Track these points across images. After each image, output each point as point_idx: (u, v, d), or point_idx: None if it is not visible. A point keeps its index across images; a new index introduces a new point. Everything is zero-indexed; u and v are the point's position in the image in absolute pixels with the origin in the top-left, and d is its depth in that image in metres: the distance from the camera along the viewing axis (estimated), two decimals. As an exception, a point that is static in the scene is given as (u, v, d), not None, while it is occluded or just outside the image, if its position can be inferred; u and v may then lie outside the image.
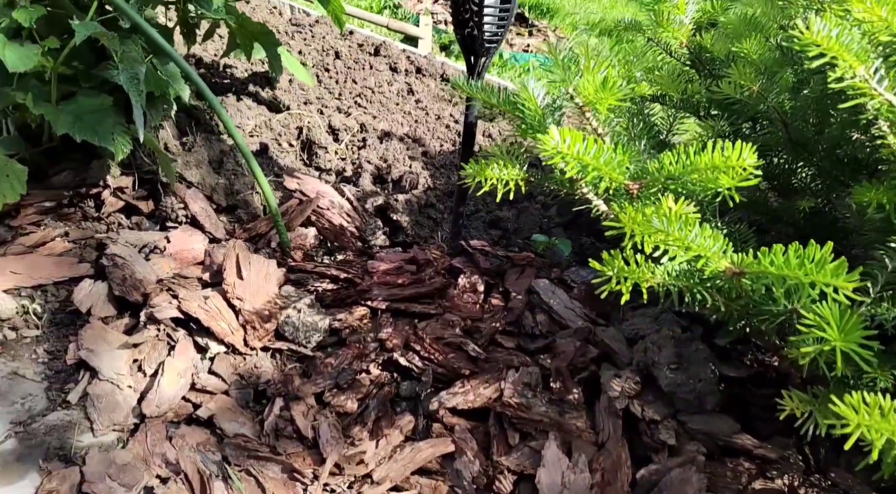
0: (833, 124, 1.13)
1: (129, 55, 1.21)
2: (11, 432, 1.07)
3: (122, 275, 1.30)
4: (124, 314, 1.30)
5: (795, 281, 0.70)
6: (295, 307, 1.28)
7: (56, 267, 1.37)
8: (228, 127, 1.31)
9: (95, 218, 1.52)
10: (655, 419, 1.12)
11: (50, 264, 1.37)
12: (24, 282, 1.33)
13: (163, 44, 1.27)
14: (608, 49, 1.29)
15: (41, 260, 1.38)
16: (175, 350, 1.20)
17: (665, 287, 0.84)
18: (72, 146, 1.46)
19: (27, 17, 1.16)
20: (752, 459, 1.10)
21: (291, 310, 1.28)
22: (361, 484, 1.04)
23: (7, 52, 1.15)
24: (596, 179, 0.84)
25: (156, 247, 1.42)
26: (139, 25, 1.25)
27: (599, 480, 1.04)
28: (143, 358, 1.18)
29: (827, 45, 0.74)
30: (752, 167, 0.76)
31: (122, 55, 1.20)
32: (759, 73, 1.13)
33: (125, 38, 1.28)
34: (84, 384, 1.15)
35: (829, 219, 1.23)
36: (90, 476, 0.99)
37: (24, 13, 1.16)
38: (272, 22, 2.69)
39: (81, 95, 1.35)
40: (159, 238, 1.45)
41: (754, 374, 1.24)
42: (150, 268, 1.34)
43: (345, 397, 1.15)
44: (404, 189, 1.78)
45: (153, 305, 1.24)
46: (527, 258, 1.49)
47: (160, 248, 1.42)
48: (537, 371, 1.20)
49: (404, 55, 2.55)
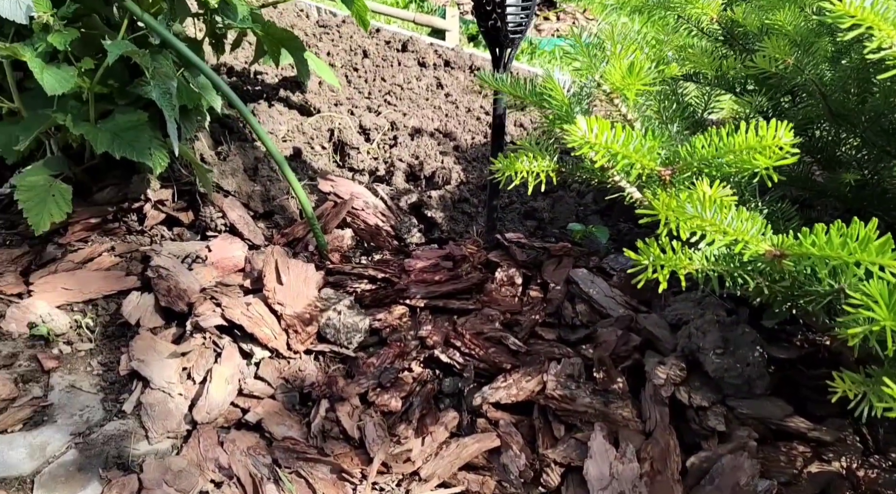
0: (876, 93, 1.08)
1: (160, 71, 1.24)
2: (72, 443, 1.11)
3: (167, 286, 1.34)
4: (171, 323, 1.34)
5: (839, 261, 0.67)
6: (335, 309, 1.30)
7: (104, 281, 1.42)
8: (259, 134, 1.33)
9: (139, 231, 1.56)
10: (703, 405, 1.10)
11: (99, 279, 1.42)
12: (76, 298, 1.38)
13: (192, 57, 1.30)
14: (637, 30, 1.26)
15: (90, 276, 1.42)
16: (221, 356, 1.23)
17: (704, 272, 0.82)
18: (112, 163, 1.51)
19: (61, 40, 1.19)
20: (807, 442, 1.07)
21: (332, 312, 1.29)
22: (409, 482, 1.05)
23: (45, 76, 1.19)
24: (627, 167, 0.82)
25: (197, 256, 1.46)
26: (168, 41, 1.28)
27: (649, 469, 1.03)
28: (192, 366, 1.22)
29: (861, 15, 0.71)
30: (788, 145, 0.73)
31: (153, 71, 1.23)
32: (795, 45, 1.09)
33: (156, 53, 1.31)
34: (137, 394, 1.19)
35: (877, 191, 1.18)
36: (148, 482, 1.02)
37: (59, 37, 1.20)
38: (299, 25, 2.72)
39: (118, 113, 1.39)
40: (200, 247, 1.48)
41: (805, 355, 1.21)
42: (193, 278, 1.37)
43: (388, 396, 1.16)
44: (437, 185, 1.78)
45: (198, 314, 1.27)
46: (564, 248, 1.48)
47: (202, 258, 1.45)
48: (580, 361, 1.19)
49: (432, 49, 2.55)
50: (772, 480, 1.00)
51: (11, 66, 1.30)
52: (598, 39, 0.94)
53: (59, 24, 1.23)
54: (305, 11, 2.89)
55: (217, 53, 1.74)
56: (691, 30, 1.38)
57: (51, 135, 1.45)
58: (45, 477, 1.05)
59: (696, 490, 1.01)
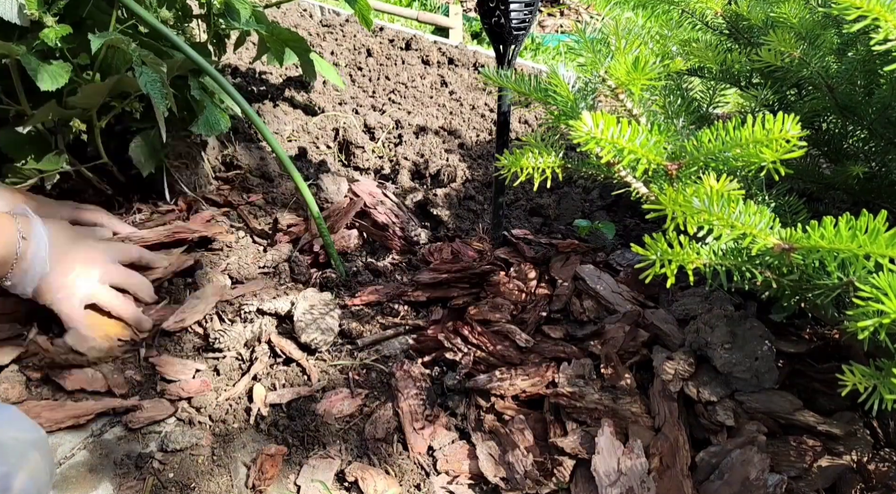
0: (883, 85, 1.08)
1: (147, 57, 1.23)
2: (84, 443, 1.12)
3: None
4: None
5: (848, 253, 0.67)
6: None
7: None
8: (265, 134, 1.33)
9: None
10: (712, 400, 1.10)
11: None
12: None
13: (199, 60, 1.30)
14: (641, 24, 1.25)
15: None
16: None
17: (712, 267, 0.82)
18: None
19: (52, 36, 1.20)
20: (817, 436, 1.07)
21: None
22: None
23: (39, 72, 1.19)
24: (633, 162, 0.82)
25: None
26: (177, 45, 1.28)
27: (658, 465, 1.03)
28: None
29: (867, 6, 0.71)
30: (795, 138, 0.73)
31: (138, 58, 1.22)
32: (800, 38, 1.09)
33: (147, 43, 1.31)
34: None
35: (885, 183, 1.18)
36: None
37: (51, 33, 1.20)
38: (303, 24, 2.72)
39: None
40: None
41: (814, 349, 1.20)
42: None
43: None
44: (443, 183, 1.78)
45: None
46: (571, 244, 1.48)
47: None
48: (589, 362, 1.19)
49: (436, 47, 2.55)
50: (782, 474, 0.99)
51: (17, 68, 1.31)
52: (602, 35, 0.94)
53: (51, 20, 1.23)
54: (309, 11, 2.89)
55: (219, 54, 1.75)
56: (696, 24, 1.37)
57: (55, 132, 1.45)
58: (57, 478, 1.05)
59: (705, 485, 1.00)
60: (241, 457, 1.07)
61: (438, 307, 1.36)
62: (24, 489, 0.73)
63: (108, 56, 1.33)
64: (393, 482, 1.03)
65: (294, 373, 1.21)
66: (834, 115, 1.19)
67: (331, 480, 1.03)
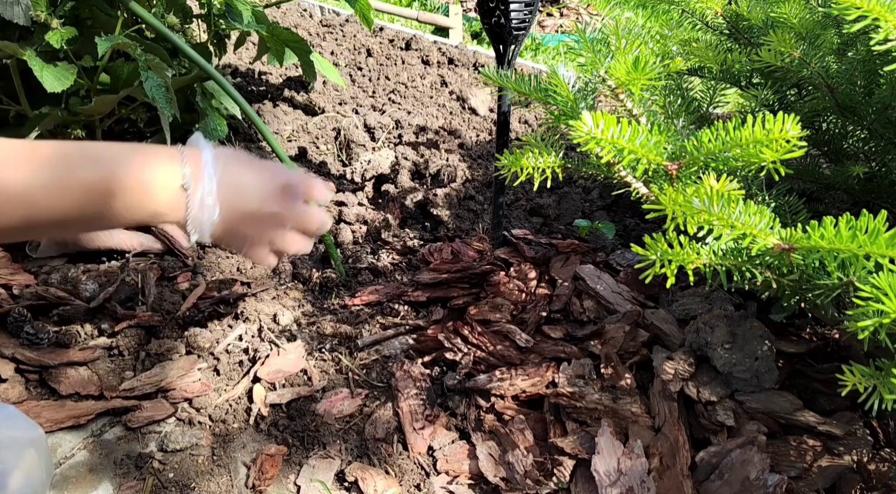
0: (883, 85, 1.08)
1: (153, 63, 1.23)
2: (84, 443, 1.12)
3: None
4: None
5: (848, 253, 0.67)
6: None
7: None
8: (265, 135, 1.33)
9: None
10: (712, 400, 1.10)
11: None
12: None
13: (200, 61, 1.30)
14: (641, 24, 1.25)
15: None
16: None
17: (712, 267, 0.82)
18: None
19: (58, 38, 1.20)
20: (817, 436, 1.07)
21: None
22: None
23: (44, 74, 1.20)
24: (633, 162, 0.82)
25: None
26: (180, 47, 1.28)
27: (658, 465, 1.03)
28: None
29: (867, 6, 0.71)
30: (795, 138, 0.73)
31: (143, 63, 1.22)
32: (801, 38, 1.09)
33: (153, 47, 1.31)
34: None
35: (885, 183, 1.18)
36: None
37: (56, 35, 1.20)
38: (303, 24, 2.72)
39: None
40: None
41: (814, 349, 1.20)
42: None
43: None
44: (443, 183, 1.78)
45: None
46: (571, 244, 1.48)
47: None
48: (588, 359, 1.19)
49: (436, 47, 2.55)
50: (782, 474, 0.99)
51: (17, 69, 1.31)
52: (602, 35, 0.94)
53: (56, 23, 1.23)
54: (309, 11, 2.90)
55: (219, 54, 1.75)
56: (696, 24, 1.37)
57: (55, 134, 1.45)
58: (57, 478, 1.05)
59: (705, 484, 1.00)
60: (241, 457, 1.07)
61: (438, 307, 1.37)
62: (20, 487, 0.73)
63: (118, 66, 1.33)
64: (393, 482, 1.03)
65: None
66: (834, 115, 1.19)
67: (331, 480, 1.04)
